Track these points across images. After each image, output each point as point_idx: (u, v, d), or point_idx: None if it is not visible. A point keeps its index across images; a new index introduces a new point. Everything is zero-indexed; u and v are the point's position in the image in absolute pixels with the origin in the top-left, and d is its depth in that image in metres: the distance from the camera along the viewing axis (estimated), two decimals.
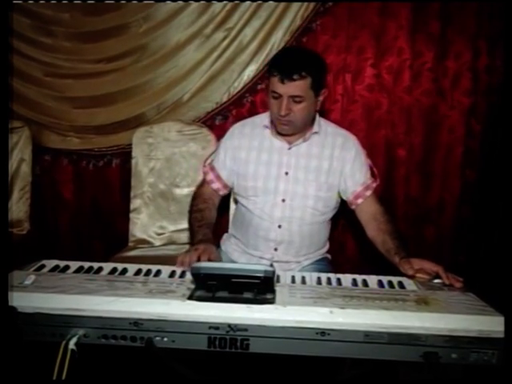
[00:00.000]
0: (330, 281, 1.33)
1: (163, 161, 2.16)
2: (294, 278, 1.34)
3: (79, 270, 1.33)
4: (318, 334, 1.07)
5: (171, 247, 2.11)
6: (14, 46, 2.13)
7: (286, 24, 2.06)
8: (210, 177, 1.77)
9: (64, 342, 1.07)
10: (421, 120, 2.16)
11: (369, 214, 1.65)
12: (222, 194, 1.80)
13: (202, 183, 1.82)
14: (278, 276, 1.31)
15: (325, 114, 1.98)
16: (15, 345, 1.06)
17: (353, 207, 1.69)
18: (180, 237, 2.13)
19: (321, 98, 1.60)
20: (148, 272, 1.34)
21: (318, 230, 1.72)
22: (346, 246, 2.27)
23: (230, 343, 1.09)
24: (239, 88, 2.16)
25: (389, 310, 1.10)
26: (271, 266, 1.17)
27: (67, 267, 1.34)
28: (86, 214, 2.37)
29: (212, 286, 1.14)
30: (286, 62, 1.53)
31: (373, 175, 1.71)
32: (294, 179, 1.65)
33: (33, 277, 1.21)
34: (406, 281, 1.34)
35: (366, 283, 1.32)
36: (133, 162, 2.16)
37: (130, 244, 2.14)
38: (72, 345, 1.07)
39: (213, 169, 1.77)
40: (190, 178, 2.14)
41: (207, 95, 2.17)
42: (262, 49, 2.10)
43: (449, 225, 2.24)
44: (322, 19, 2.08)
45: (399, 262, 1.43)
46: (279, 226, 1.66)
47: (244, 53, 2.11)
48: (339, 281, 1.33)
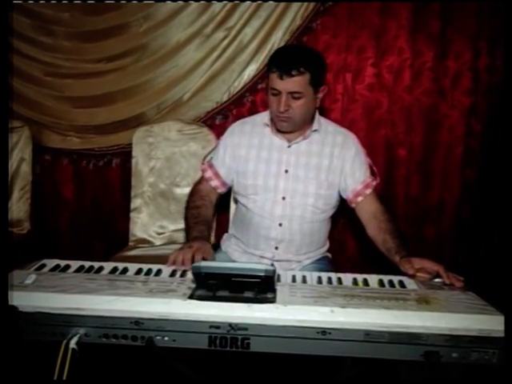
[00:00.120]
0: (330, 280, 1.33)
1: (163, 160, 2.17)
2: (294, 277, 1.34)
3: (80, 269, 1.33)
4: (318, 333, 1.07)
5: (171, 247, 2.08)
6: (14, 45, 2.13)
7: (286, 24, 2.06)
8: (209, 174, 1.77)
9: (65, 341, 1.07)
10: (421, 119, 2.16)
11: (369, 212, 1.65)
12: (220, 191, 1.79)
13: (200, 180, 1.81)
14: (279, 275, 1.31)
15: (325, 113, 1.98)
16: (16, 344, 1.07)
17: (353, 205, 1.69)
18: (180, 236, 2.13)
19: (320, 95, 1.60)
20: (148, 271, 1.34)
21: (319, 228, 1.72)
22: (347, 245, 2.27)
23: (230, 342, 1.09)
24: (239, 87, 2.16)
25: (389, 309, 1.10)
26: (272, 265, 1.17)
27: (68, 267, 1.34)
28: (87, 214, 2.37)
29: (213, 285, 1.14)
30: (284, 58, 1.54)
31: (372, 174, 1.71)
32: (294, 177, 1.65)
33: (33, 276, 1.21)
34: (407, 280, 1.34)
35: (366, 282, 1.32)
36: (133, 161, 2.16)
37: (131, 243, 2.14)
38: (73, 344, 1.07)
39: (211, 166, 1.77)
40: (190, 178, 2.13)
41: (207, 95, 2.17)
42: (262, 48, 2.10)
43: (449, 224, 2.23)
44: (322, 19, 2.08)
45: (400, 261, 1.42)
46: (280, 225, 1.65)
47: (244, 52, 2.11)
48: (340, 280, 1.33)
